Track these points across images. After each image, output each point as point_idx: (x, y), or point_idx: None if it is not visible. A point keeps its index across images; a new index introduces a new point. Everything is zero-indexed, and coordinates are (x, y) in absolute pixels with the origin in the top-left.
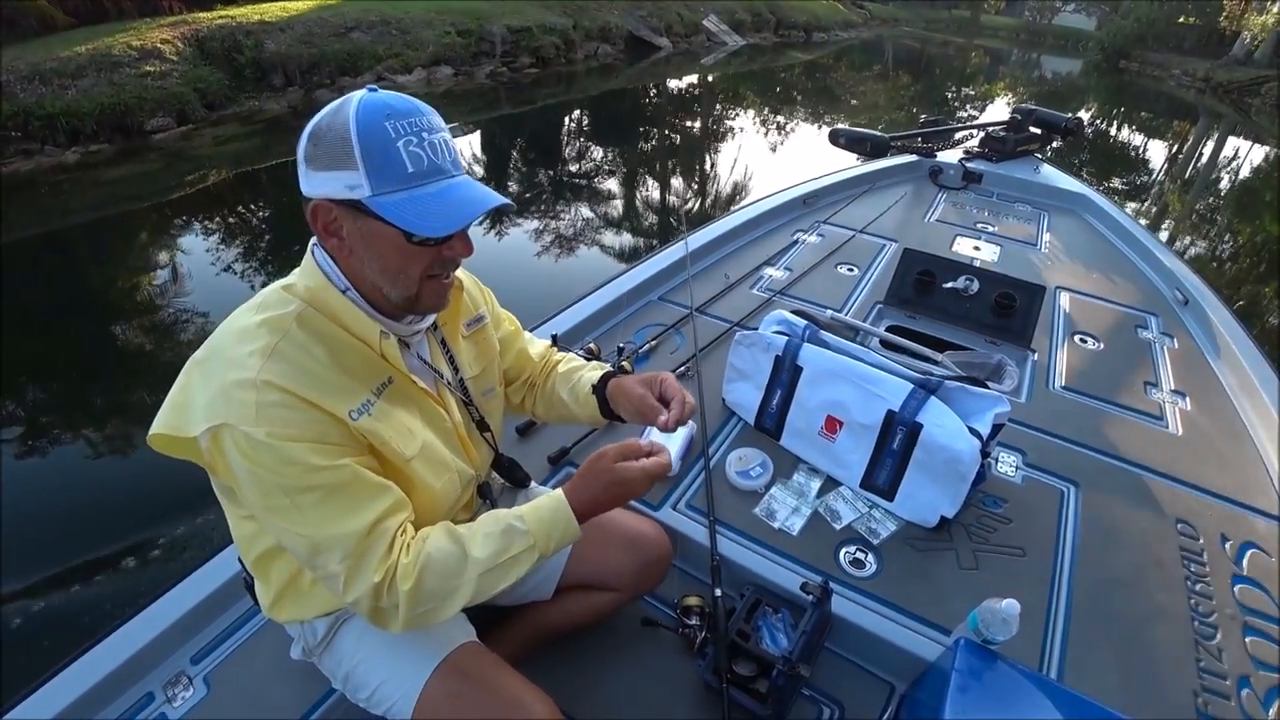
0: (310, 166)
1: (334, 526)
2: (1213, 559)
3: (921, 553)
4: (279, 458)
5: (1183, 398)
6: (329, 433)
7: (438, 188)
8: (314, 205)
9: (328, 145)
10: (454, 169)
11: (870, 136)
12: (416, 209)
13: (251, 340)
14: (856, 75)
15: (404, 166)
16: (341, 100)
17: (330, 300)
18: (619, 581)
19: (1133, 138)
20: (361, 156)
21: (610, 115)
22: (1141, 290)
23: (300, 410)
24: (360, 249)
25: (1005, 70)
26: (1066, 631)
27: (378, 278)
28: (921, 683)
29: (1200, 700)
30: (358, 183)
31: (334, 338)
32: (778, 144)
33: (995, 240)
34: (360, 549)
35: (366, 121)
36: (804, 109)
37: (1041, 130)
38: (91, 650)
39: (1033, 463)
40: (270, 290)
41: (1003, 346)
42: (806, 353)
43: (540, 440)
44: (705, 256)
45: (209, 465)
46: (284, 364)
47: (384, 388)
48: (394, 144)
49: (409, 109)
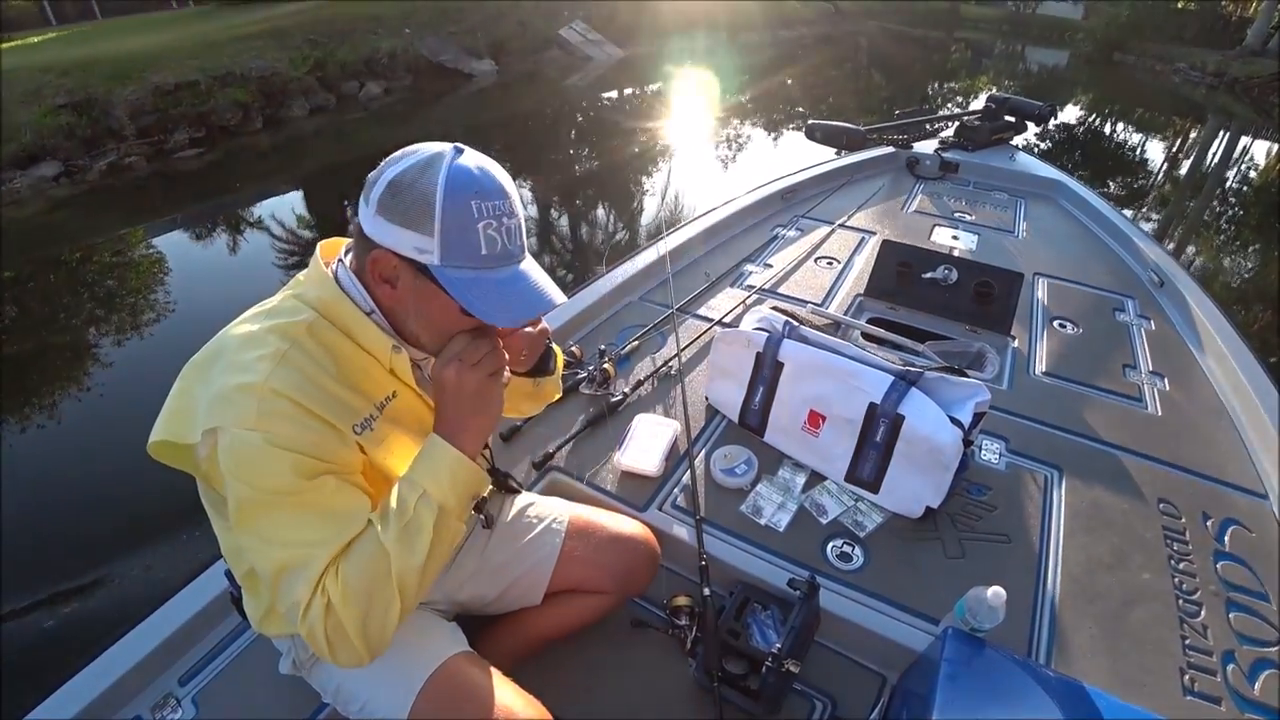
0: (382, 214)
1: (305, 543)
2: (1195, 537)
3: (908, 544)
4: (272, 464)
5: (1161, 379)
6: (326, 446)
7: (505, 274)
8: (377, 254)
9: (408, 203)
10: (520, 253)
11: (847, 130)
12: (483, 293)
13: (259, 346)
14: (784, 83)
15: (478, 248)
16: (429, 156)
17: (343, 313)
18: (607, 584)
19: (1132, 139)
20: (440, 228)
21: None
22: (1118, 274)
23: (303, 420)
24: (412, 305)
25: (989, 64)
26: (1053, 615)
27: (420, 330)
28: (912, 673)
29: (1187, 677)
30: (429, 249)
31: (343, 350)
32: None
33: (973, 229)
34: (319, 576)
35: (453, 194)
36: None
37: (1016, 118)
38: (78, 675)
39: (1015, 449)
40: (279, 297)
41: (983, 335)
42: (787, 348)
43: (524, 445)
44: (685, 255)
45: (205, 475)
46: (292, 372)
47: (387, 402)
48: (475, 225)
49: (496, 190)
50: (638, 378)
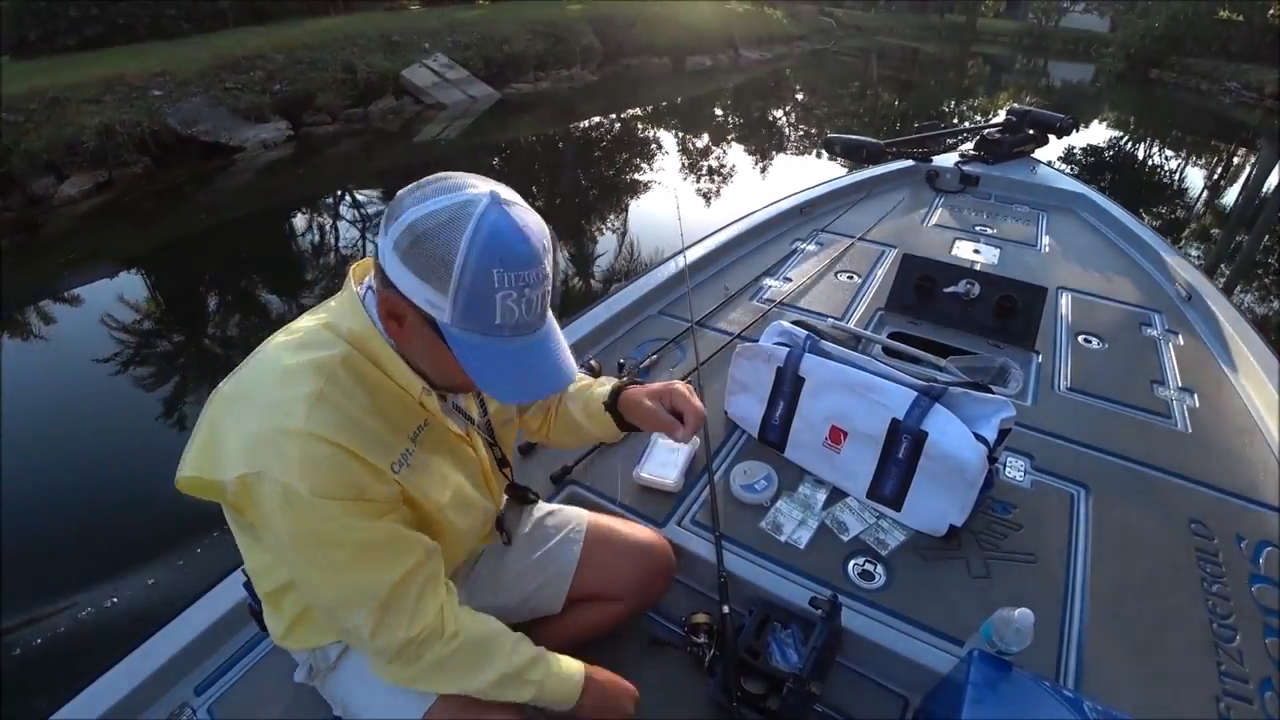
0: (399, 258)
1: (363, 580)
2: (1229, 559)
3: (931, 562)
4: (318, 514)
5: (1190, 395)
6: (370, 488)
7: (517, 346)
8: (389, 294)
9: (425, 256)
10: (539, 322)
11: (866, 143)
12: (489, 362)
13: (295, 383)
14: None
15: (493, 318)
16: (460, 204)
17: (375, 347)
18: (625, 591)
19: (1170, 164)
20: (454, 291)
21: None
22: (1144, 287)
23: (345, 465)
24: (418, 346)
25: (1009, 80)
26: (1082, 639)
27: (426, 369)
28: (935, 696)
29: (1223, 705)
30: (441, 306)
31: (376, 383)
32: None
33: (995, 243)
34: (386, 601)
35: (477, 259)
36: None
37: (1036, 131)
38: (96, 681)
39: (1041, 466)
40: (310, 328)
41: (1006, 350)
42: (808, 363)
43: (542, 458)
44: (704, 269)
45: (233, 506)
46: (331, 412)
47: (420, 431)
48: (493, 295)
49: (526, 258)
50: None
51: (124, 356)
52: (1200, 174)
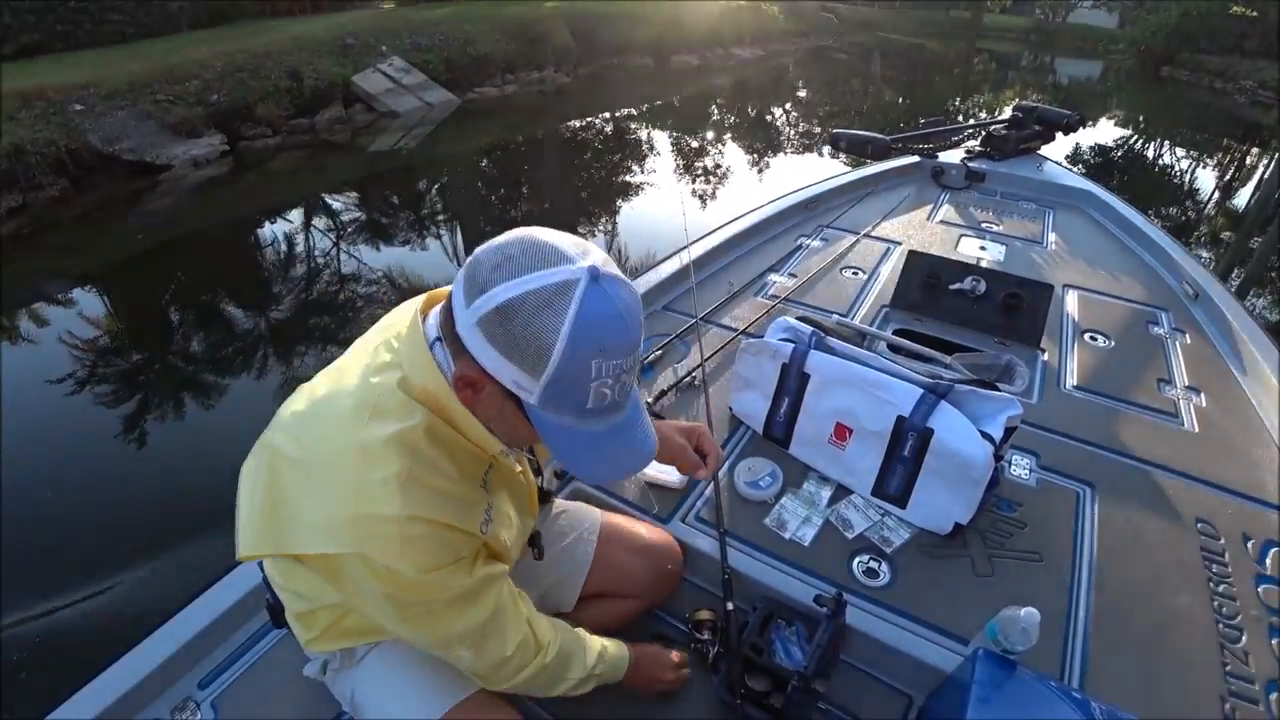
0: (484, 333)
1: (463, 624)
2: (1235, 559)
3: (936, 560)
4: (421, 584)
5: (1197, 394)
6: (464, 549)
7: (604, 427)
8: (468, 366)
9: (518, 338)
10: (626, 402)
11: (871, 139)
12: (573, 444)
13: (379, 465)
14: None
15: (585, 404)
16: (558, 285)
17: (452, 410)
18: (637, 588)
19: (1180, 164)
20: (549, 379)
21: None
22: (1151, 286)
23: (443, 538)
24: (494, 416)
25: (1015, 77)
26: (1087, 638)
27: (496, 430)
28: (940, 695)
29: (1228, 705)
30: (529, 388)
31: (453, 444)
32: None
33: (1000, 240)
34: (484, 632)
35: (576, 351)
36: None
37: (1043, 127)
38: (101, 675)
39: (1046, 465)
40: (382, 386)
41: (1012, 347)
42: (813, 359)
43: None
44: (709, 264)
45: (311, 567)
46: (421, 490)
47: (487, 477)
48: (589, 383)
49: (625, 346)
50: (660, 387)
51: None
52: (1212, 175)
